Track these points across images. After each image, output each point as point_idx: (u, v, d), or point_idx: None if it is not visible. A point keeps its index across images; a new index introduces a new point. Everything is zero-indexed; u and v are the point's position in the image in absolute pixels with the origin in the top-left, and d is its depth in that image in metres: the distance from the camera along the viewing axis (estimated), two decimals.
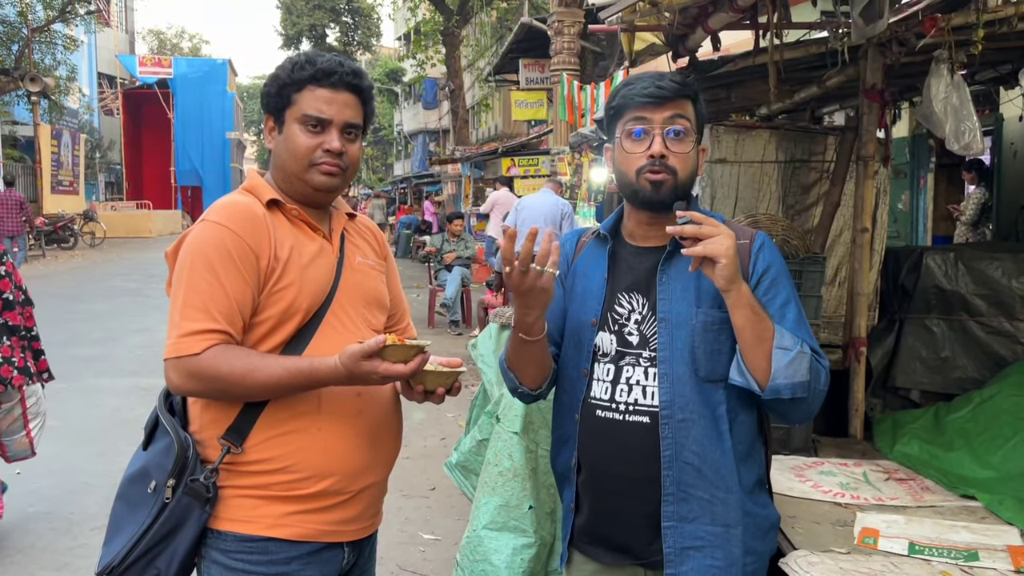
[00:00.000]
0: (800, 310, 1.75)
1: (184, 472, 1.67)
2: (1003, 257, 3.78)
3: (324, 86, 1.75)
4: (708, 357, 1.73)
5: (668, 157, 1.73)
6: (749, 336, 1.66)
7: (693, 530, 1.73)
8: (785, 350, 1.65)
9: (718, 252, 1.60)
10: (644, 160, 1.74)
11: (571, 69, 10.50)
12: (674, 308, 1.75)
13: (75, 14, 24.78)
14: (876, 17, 2.81)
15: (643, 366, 1.77)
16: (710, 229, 1.61)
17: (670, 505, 1.73)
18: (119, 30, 39.12)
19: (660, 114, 1.73)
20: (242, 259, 1.68)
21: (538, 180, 14.62)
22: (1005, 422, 3.07)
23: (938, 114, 3.24)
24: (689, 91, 1.77)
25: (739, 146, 4.18)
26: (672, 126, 1.74)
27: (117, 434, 5.92)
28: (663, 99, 1.73)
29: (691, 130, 1.76)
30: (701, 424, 1.73)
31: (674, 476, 1.73)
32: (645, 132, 1.74)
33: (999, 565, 2.18)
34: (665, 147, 1.72)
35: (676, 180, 1.74)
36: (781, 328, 1.68)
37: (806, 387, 1.66)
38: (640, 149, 1.74)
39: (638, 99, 1.74)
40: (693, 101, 1.78)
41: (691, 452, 1.72)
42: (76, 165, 28.35)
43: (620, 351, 1.80)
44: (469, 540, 2.99)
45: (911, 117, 8.31)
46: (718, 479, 1.73)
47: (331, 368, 1.63)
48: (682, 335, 1.74)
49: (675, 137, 1.74)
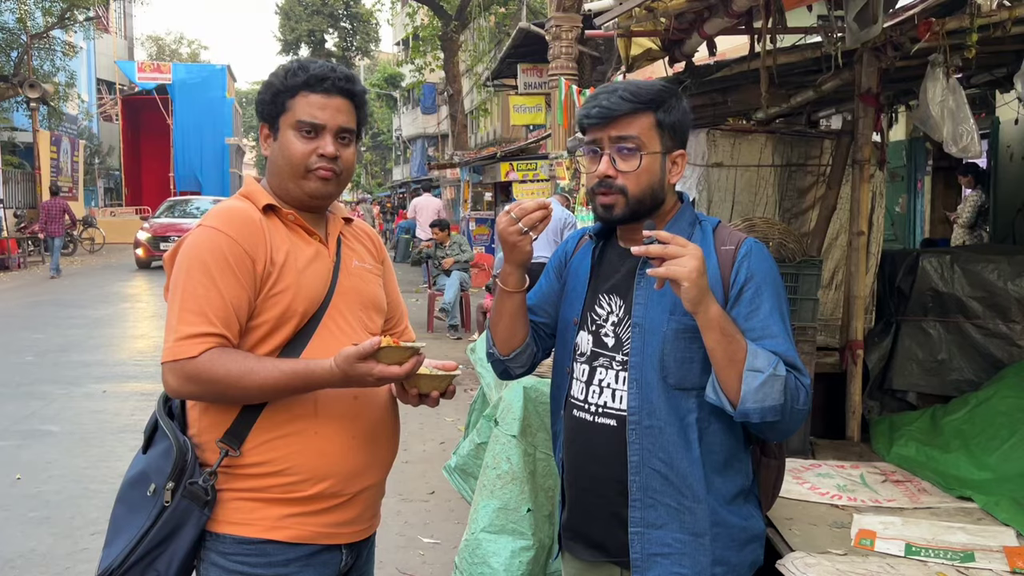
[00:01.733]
0: (786, 323, 1.71)
1: (183, 475, 1.68)
2: (999, 260, 3.80)
3: (317, 92, 1.77)
4: (678, 365, 1.71)
5: (616, 177, 1.72)
6: (720, 357, 1.62)
7: (660, 536, 1.72)
8: (756, 372, 1.60)
9: (680, 275, 1.55)
10: (595, 179, 1.75)
11: (569, 74, 10.51)
12: (649, 314, 1.74)
13: (74, 20, 24.79)
14: (870, 22, 2.83)
15: (615, 369, 1.78)
16: (675, 250, 1.57)
17: (637, 511, 1.73)
18: (118, 36, 39.15)
19: (607, 132, 1.73)
20: (238, 264, 1.69)
21: (536, 185, 14.63)
22: (1001, 424, 3.08)
23: (935, 117, 3.26)
24: (644, 104, 1.73)
25: (735, 150, 4.19)
26: (619, 143, 1.72)
27: (116, 439, 5.93)
28: (608, 118, 1.72)
29: (644, 143, 1.72)
30: (668, 432, 1.71)
31: (641, 482, 1.72)
32: (595, 152, 1.76)
33: (995, 566, 2.19)
34: (613, 166, 1.72)
35: (628, 198, 1.73)
36: (755, 348, 1.63)
37: (777, 411, 1.61)
38: (592, 168, 1.76)
39: (586, 120, 1.76)
40: (654, 111, 1.74)
41: (658, 459, 1.72)
42: (75, 171, 28.34)
43: (595, 351, 1.82)
44: (468, 543, 3.00)
45: (908, 120, 8.34)
46: (685, 487, 1.71)
47: (327, 370, 1.64)
48: (654, 341, 1.72)
49: (624, 154, 1.72)
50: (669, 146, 1.77)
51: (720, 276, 1.72)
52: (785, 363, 1.65)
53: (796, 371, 1.66)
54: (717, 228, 1.82)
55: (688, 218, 1.82)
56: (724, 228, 1.82)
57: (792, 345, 1.70)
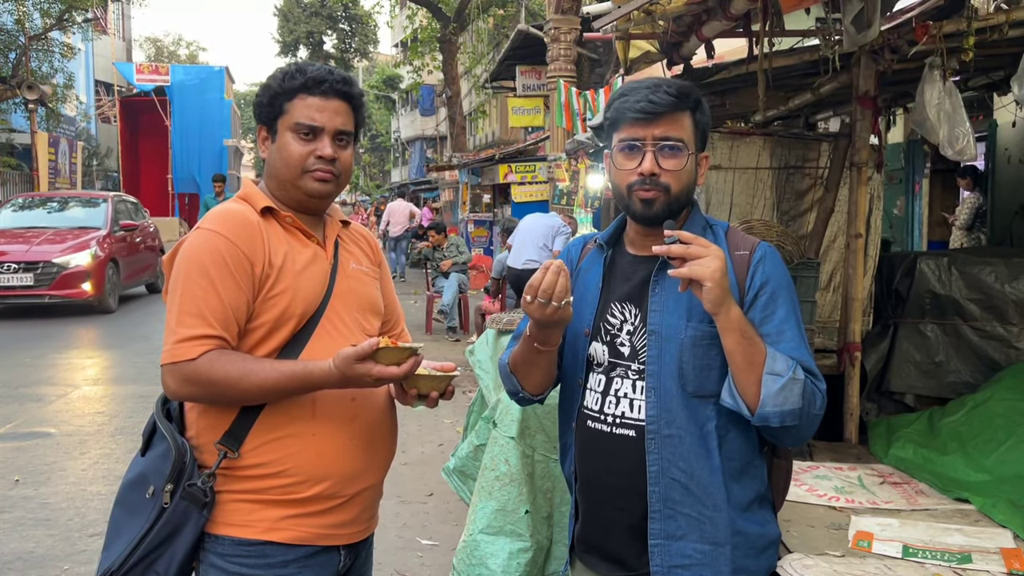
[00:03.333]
0: (800, 328, 1.69)
1: (182, 477, 1.69)
2: (996, 262, 3.81)
3: (315, 94, 1.78)
4: (697, 372, 1.68)
5: (660, 175, 1.69)
6: (739, 360, 1.60)
7: (681, 548, 1.69)
8: (776, 376, 1.58)
9: (703, 275, 1.54)
10: (635, 177, 1.70)
11: (568, 76, 10.51)
12: (665, 321, 1.71)
13: (72, 22, 24.77)
14: (867, 25, 2.84)
15: (631, 379, 1.74)
16: (698, 250, 1.55)
17: (657, 522, 1.70)
18: (116, 38, 39.13)
19: (652, 130, 1.68)
20: (236, 266, 1.70)
21: (535, 187, 14.65)
22: (999, 426, 3.09)
23: (932, 120, 3.27)
24: (687, 103, 1.71)
25: (734, 152, 4.21)
26: (665, 142, 1.68)
27: (115, 441, 5.93)
28: (656, 114, 1.68)
29: (687, 144, 1.70)
30: (688, 440, 1.68)
31: (661, 492, 1.69)
32: (636, 148, 1.70)
33: (992, 567, 2.20)
34: (657, 164, 1.68)
35: (669, 196, 1.70)
36: (774, 352, 1.61)
37: (796, 415, 1.60)
38: (631, 165, 1.70)
39: (630, 114, 1.70)
40: (692, 111, 1.72)
41: (678, 469, 1.69)
42: (73, 173, 28.30)
43: (612, 362, 1.77)
44: (466, 544, 3.00)
45: (906, 123, 8.35)
46: (705, 496, 1.68)
47: (325, 371, 1.65)
48: (671, 349, 1.69)
49: (668, 153, 1.69)
50: (700, 147, 1.76)
51: (735, 281, 1.69)
52: (802, 368, 1.63)
53: (812, 376, 1.65)
54: (729, 232, 1.79)
55: (699, 222, 1.80)
56: (735, 232, 1.80)
57: (808, 350, 1.69)
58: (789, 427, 1.62)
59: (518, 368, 1.84)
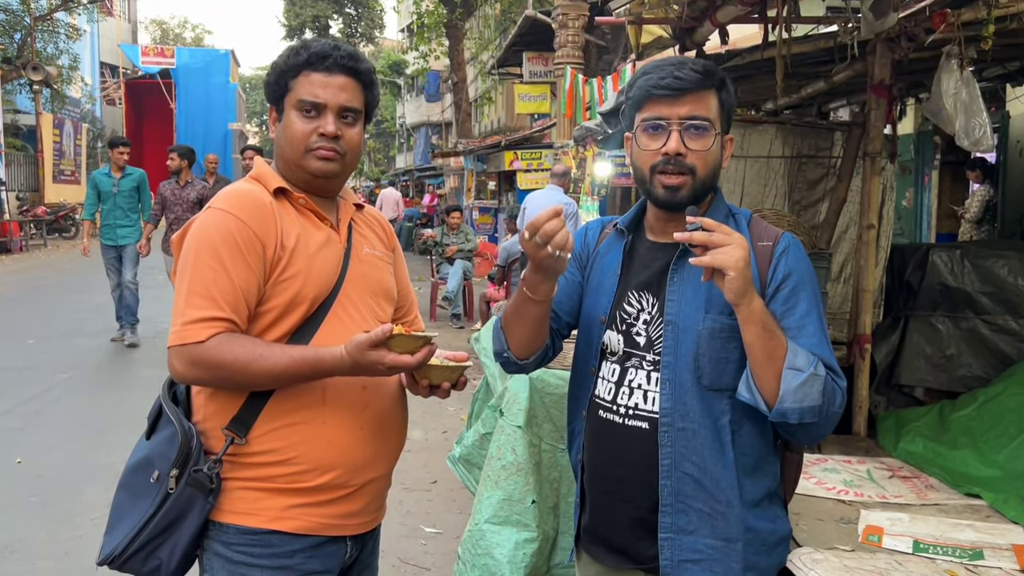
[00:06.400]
0: (822, 323, 1.64)
1: (188, 462, 1.65)
2: (1009, 255, 3.77)
3: (319, 70, 1.73)
4: (713, 365, 1.64)
5: (686, 155, 1.63)
6: (759, 354, 1.55)
7: (692, 543, 1.66)
8: (797, 371, 1.53)
9: (727, 264, 1.48)
10: (659, 157, 1.64)
11: (575, 63, 10.45)
12: (683, 311, 1.66)
13: (78, 3, 24.73)
14: (886, 12, 2.79)
15: (646, 369, 1.70)
16: (721, 238, 1.50)
17: (667, 516, 1.67)
18: (122, 19, 39.02)
19: (678, 108, 1.62)
20: (248, 247, 1.66)
21: (540, 174, 14.59)
22: (1010, 421, 3.06)
23: (948, 110, 3.22)
24: (712, 81, 1.65)
25: (745, 141, 4.17)
26: (691, 121, 1.62)
27: (119, 424, 5.91)
28: (682, 91, 1.62)
29: (713, 123, 1.64)
30: (702, 434, 1.64)
31: (672, 486, 1.66)
32: (661, 127, 1.64)
33: (1004, 564, 2.17)
34: (683, 144, 1.62)
35: (695, 180, 1.64)
36: (795, 346, 1.56)
37: (816, 412, 1.55)
38: (655, 145, 1.64)
39: (655, 91, 1.64)
40: (718, 90, 1.66)
41: (691, 463, 1.65)
42: (78, 155, 28.31)
43: (627, 352, 1.74)
44: (471, 534, 2.98)
45: (916, 113, 8.29)
46: (718, 491, 1.65)
47: (337, 358, 1.61)
48: (687, 340, 1.65)
49: (695, 133, 1.63)
50: (725, 128, 1.70)
51: (757, 272, 1.64)
52: (823, 364, 1.58)
53: (833, 373, 1.60)
54: (752, 221, 1.75)
55: (722, 209, 1.75)
56: (759, 222, 1.76)
57: (829, 346, 1.64)
58: (807, 424, 1.57)
59: (508, 323, 1.79)
